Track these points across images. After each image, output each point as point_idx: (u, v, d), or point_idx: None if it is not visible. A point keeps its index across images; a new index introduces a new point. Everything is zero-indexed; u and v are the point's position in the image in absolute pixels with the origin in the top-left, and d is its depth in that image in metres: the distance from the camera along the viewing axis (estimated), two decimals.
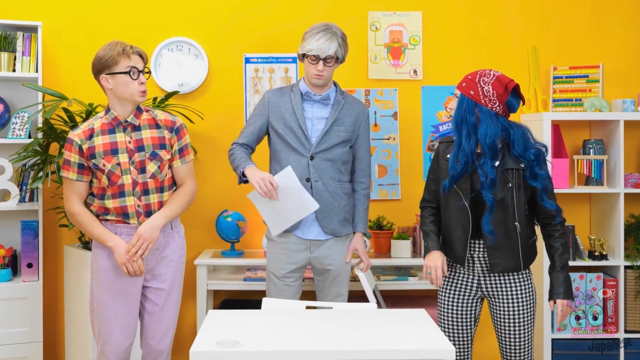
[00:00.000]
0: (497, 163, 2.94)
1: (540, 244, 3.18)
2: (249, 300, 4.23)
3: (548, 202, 2.98)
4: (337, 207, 3.47)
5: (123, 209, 3.16)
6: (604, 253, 4.23)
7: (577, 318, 4.20)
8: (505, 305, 3.04)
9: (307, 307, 3.15)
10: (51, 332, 4.42)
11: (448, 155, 3.05)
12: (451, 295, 3.11)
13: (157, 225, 3.16)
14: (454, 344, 3.10)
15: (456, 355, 3.11)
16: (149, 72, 3.20)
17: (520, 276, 3.04)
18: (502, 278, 3.04)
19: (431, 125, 4.49)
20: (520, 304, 3.03)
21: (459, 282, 3.10)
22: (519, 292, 3.03)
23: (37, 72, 4.16)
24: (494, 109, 2.92)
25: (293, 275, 3.49)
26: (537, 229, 3.14)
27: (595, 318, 4.21)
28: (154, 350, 3.28)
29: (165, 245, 3.26)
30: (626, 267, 4.20)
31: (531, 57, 4.47)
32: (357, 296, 3.91)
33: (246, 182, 3.37)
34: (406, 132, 4.49)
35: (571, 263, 4.15)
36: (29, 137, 4.15)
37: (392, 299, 4.22)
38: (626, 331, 4.20)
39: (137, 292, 3.23)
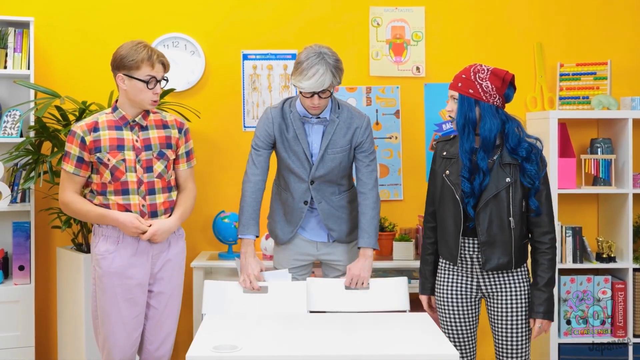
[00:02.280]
0: (495, 157, 2.95)
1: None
2: None
3: (533, 202, 2.94)
4: (345, 217, 3.45)
5: (127, 207, 3.11)
6: (612, 255, 4.18)
7: (585, 321, 4.13)
8: (502, 303, 3.00)
9: (310, 311, 3.12)
10: (43, 336, 4.38)
11: (444, 153, 3.10)
12: (451, 298, 3.07)
13: (172, 229, 3.18)
14: (459, 347, 3.08)
15: (462, 357, 3.09)
16: (167, 81, 3.18)
17: (518, 274, 3.01)
18: (500, 277, 3.01)
19: (434, 124, 4.42)
20: (517, 302, 2.99)
21: (459, 284, 3.07)
22: (516, 290, 3.00)
23: (29, 69, 4.11)
24: (494, 103, 2.95)
25: (300, 270, 3.47)
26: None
27: (602, 322, 4.13)
28: (152, 356, 3.24)
29: (169, 247, 3.23)
30: (635, 270, 4.15)
31: (537, 54, 4.40)
32: None
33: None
34: (408, 131, 4.43)
35: (579, 265, 4.17)
36: (21, 136, 4.12)
37: None
38: (635, 335, 4.14)
39: (142, 295, 3.17)
